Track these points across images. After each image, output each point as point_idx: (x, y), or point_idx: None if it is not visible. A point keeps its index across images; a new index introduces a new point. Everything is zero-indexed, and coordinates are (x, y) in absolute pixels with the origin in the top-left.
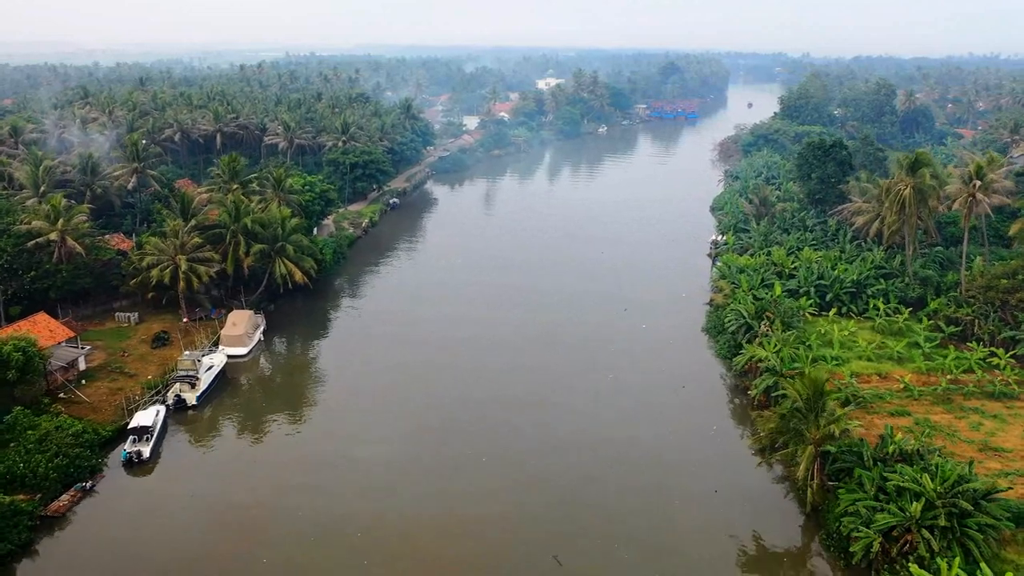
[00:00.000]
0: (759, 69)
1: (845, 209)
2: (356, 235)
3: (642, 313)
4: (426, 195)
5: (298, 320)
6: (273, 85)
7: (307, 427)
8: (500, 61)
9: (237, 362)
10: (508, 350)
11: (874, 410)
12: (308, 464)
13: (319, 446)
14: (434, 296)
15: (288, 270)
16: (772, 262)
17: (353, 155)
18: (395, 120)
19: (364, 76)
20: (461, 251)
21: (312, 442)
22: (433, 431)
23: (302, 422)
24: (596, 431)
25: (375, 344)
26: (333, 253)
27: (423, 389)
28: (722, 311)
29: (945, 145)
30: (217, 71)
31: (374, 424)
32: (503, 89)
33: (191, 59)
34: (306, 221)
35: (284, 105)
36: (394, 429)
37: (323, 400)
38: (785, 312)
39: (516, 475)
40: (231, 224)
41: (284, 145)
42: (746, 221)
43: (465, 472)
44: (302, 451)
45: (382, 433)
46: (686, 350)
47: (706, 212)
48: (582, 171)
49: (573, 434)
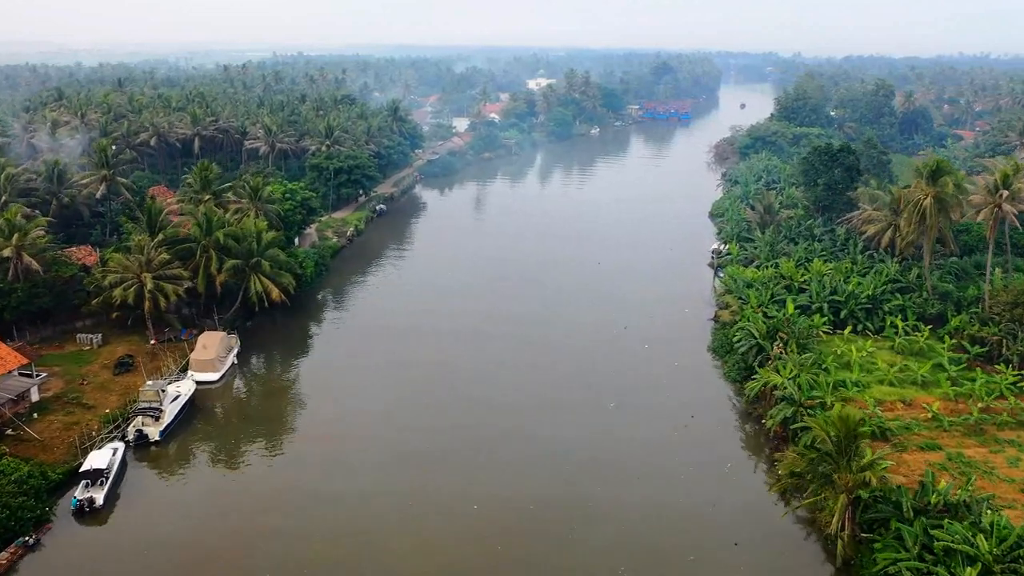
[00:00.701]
0: (750, 69)
1: (855, 217)
2: (340, 245)
3: (643, 331)
4: (415, 200)
5: (276, 338)
6: (257, 86)
7: (283, 459)
8: (490, 61)
9: (208, 389)
10: (500, 373)
11: (901, 443)
12: (282, 503)
13: (296, 480)
14: (421, 311)
15: (264, 287)
16: (781, 275)
17: (337, 160)
18: (382, 123)
19: (351, 77)
20: (450, 262)
21: (288, 476)
22: (417, 464)
23: (278, 453)
24: (599, 473)
25: (358, 364)
26: (315, 265)
27: (408, 415)
28: (729, 329)
29: (945, 147)
30: (202, 72)
31: (355, 454)
32: (493, 90)
33: (177, 59)
34: (284, 234)
35: (266, 107)
36: (376, 459)
37: (302, 427)
38: (800, 332)
39: (507, 522)
40: (202, 238)
41: (265, 150)
42: (750, 230)
43: (455, 517)
44: (276, 487)
45: (363, 464)
46: (692, 373)
47: (705, 218)
48: (575, 175)
49: (573, 475)
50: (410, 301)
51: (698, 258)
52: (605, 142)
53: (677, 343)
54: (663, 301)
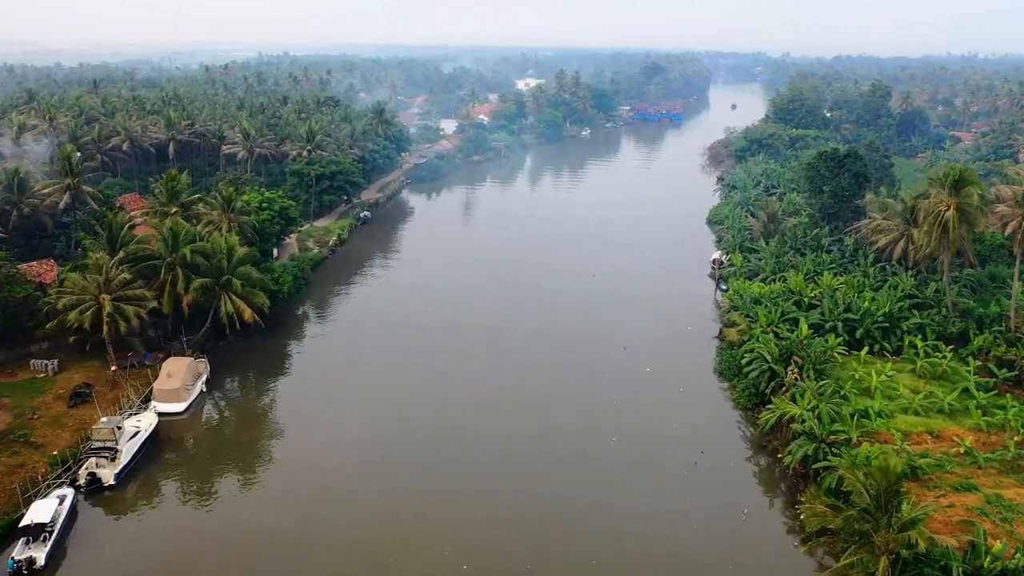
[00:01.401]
0: (739, 69)
1: (864, 226)
2: (322, 255)
3: (643, 351)
4: (401, 206)
5: (251, 360)
6: (239, 87)
7: (257, 497)
8: (478, 61)
9: (173, 421)
10: (492, 399)
11: (934, 483)
12: (255, 550)
13: (271, 520)
14: (407, 327)
15: (236, 308)
16: (789, 290)
17: (319, 166)
18: (366, 126)
19: (337, 77)
20: (438, 272)
21: (262, 517)
22: (407, 505)
23: (251, 490)
24: (601, 524)
25: (340, 386)
26: (294, 279)
27: (395, 443)
28: (737, 350)
29: (944, 149)
30: (185, 72)
31: (339, 488)
32: (482, 91)
33: (160, 60)
34: (258, 248)
35: (246, 110)
36: (363, 495)
37: (279, 458)
38: (816, 357)
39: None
40: (167, 255)
41: (244, 155)
42: (753, 239)
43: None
44: (249, 530)
45: (348, 500)
46: (699, 400)
47: (703, 225)
48: (567, 178)
49: (573, 526)
50: (394, 316)
51: (697, 268)
52: (596, 144)
53: (681, 365)
54: (663, 317)
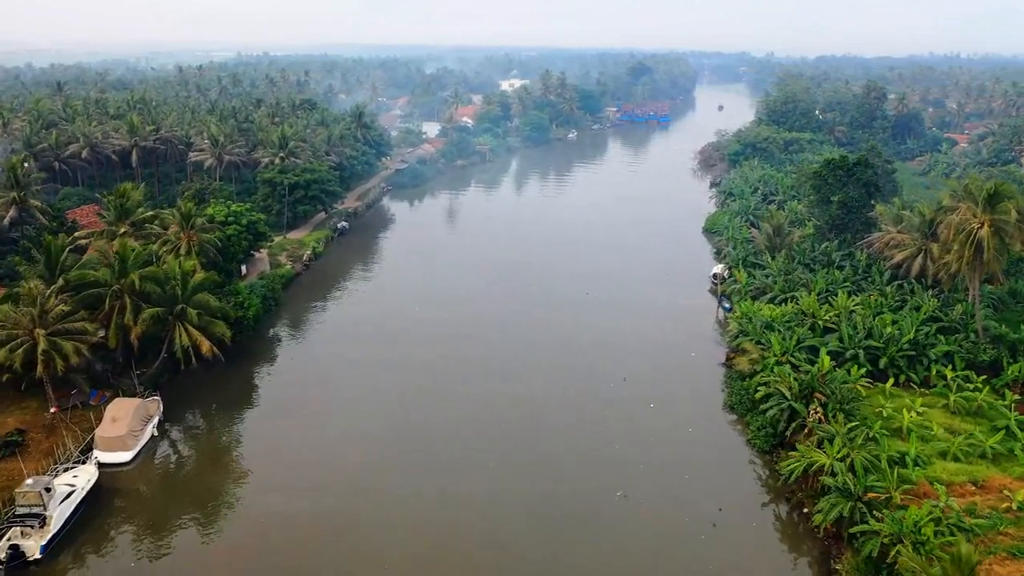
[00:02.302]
0: (724, 69)
1: (876, 240)
2: (295, 271)
3: (645, 382)
4: (382, 214)
5: (213, 393)
6: (212, 89)
7: (218, 560)
8: (462, 62)
9: (118, 472)
10: (478, 453)
11: (987, 547)
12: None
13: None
14: (385, 352)
15: (193, 340)
16: (802, 312)
17: (293, 174)
18: (344, 130)
19: (316, 78)
20: (419, 289)
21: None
22: (388, 559)
23: (210, 548)
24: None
25: (313, 419)
26: (263, 300)
27: (372, 487)
28: (749, 382)
29: (941, 152)
30: (160, 73)
31: (312, 541)
32: (465, 91)
33: (137, 60)
34: (225, 266)
35: (216, 114)
36: (340, 550)
37: (244, 507)
38: (843, 395)
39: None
40: (114, 282)
41: (212, 162)
42: (757, 254)
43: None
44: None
45: (323, 557)
46: (711, 441)
47: (699, 234)
48: (554, 184)
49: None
50: (371, 338)
51: (696, 282)
52: (583, 147)
53: (687, 398)
54: (663, 339)
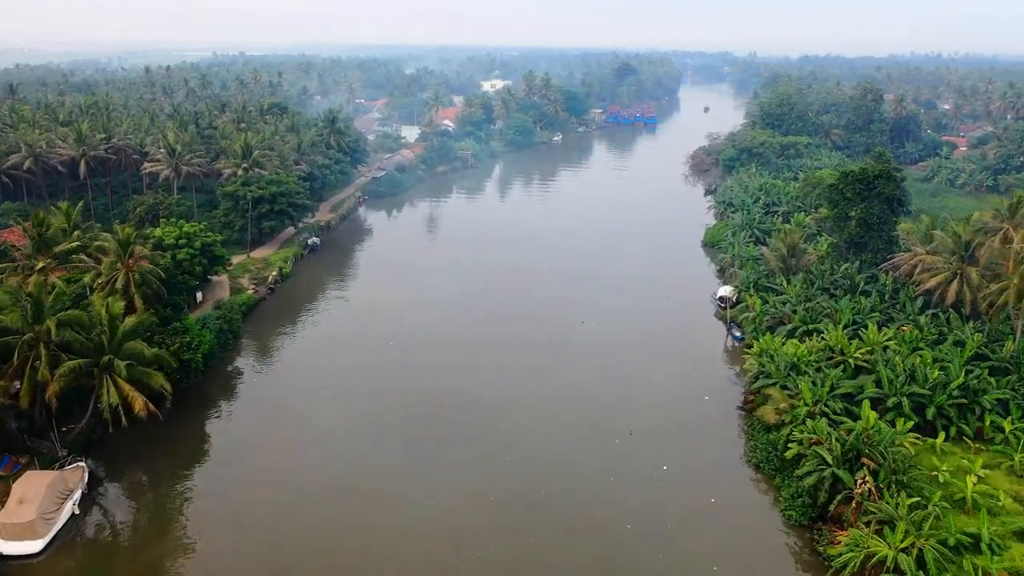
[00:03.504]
0: (707, 69)
1: (904, 262)
2: (257, 297)
3: (654, 436)
4: (357, 226)
5: (154, 451)
6: (179, 91)
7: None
8: (443, 62)
9: (27, 565)
10: (464, 529)
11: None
12: None
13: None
14: (355, 389)
15: (124, 395)
16: (829, 348)
17: (257, 187)
18: (316, 137)
19: (290, 79)
20: (395, 314)
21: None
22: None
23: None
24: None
25: (272, 475)
26: (218, 333)
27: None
28: (776, 435)
29: (941, 156)
30: (131, 74)
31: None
32: (446, 92)
33: (110, 60)
34: (164, 307)
35: (176, 120)
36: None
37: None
38: (896, 462)
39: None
40: (27, 329)
41: (168, 174)
42: (770, 275)
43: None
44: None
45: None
46: (738, 514)
47: (697, 247)
48: (541, 192)
49: None
50: (341, 374)
51: (699, 305)
52: (569, 150)
53: (704, 455)
54: (671, 380)
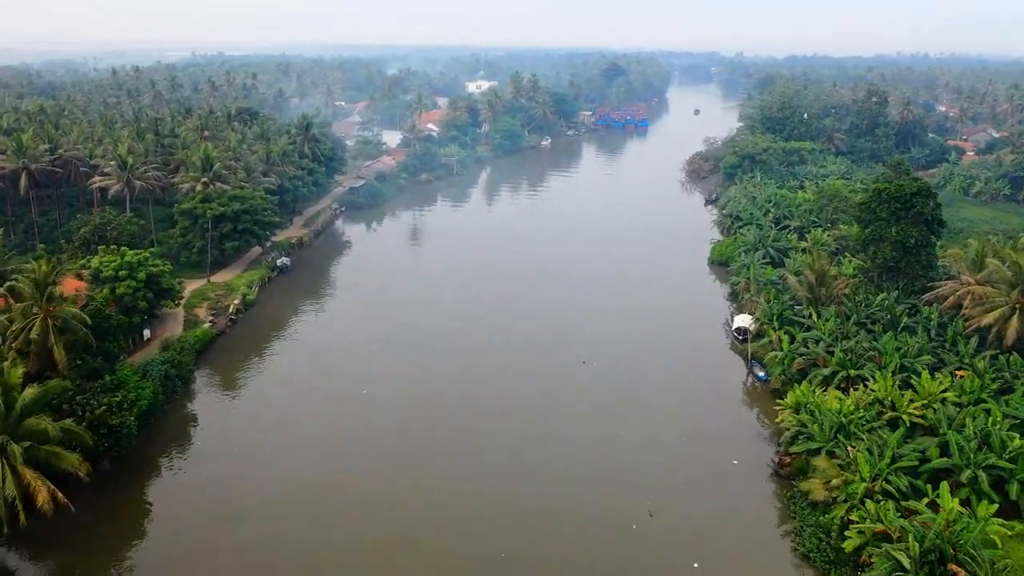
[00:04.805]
0: (695, 69)
1: (950, 292)
2: (215, 331)
3: (677, 516)
4: (334, 242)
5: (74, 541)
6: (146, 94)
7: None
8: (428, 62)
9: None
10: None
11: None
12: None
13: None
14: (321, 443)
15: (25, 484)
16: (879, 401)
17: (218, 203)
18: (288, 145)
19: (267, 81)
20: (368, 356)
21: None
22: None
23: None
24: None
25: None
26: (163, 381)
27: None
28: (826, 517)
29: (950, 161)
30: (104, 75)
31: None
32: (430, 94)
33: (85, 60)
34: (94, 357)
35: (133, 127)
36: None
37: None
38: (996, 572)
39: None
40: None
41: (119, 189)
42: (794, 305)
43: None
44: None
45: None
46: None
47: (704, 266)
48: (531, 201)
49: None
50: (305, 426)
51: (713, 336)
52: (558, 155)
53: (744, 545)
54: (691, 437)
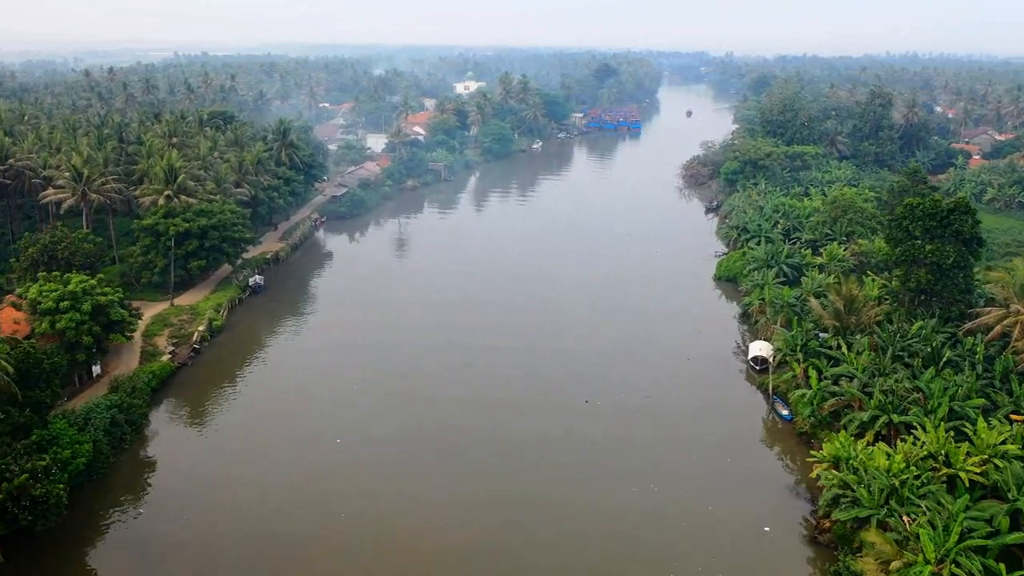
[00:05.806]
0: (685, 69)
1: (995, 321)
2: (175, 364)
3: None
4: (314, 255)
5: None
6: (118, 97)
7: None
8: (414, 62)
9: None
10: None
11: None
12: None
13: None
14: (291, 494)
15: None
16: (931, 456)
17: (182, 218)
18: (263, 152)
19: (250, 82)
20: (349, 379)
21: None
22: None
23: None
24: None
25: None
26: (109, 429)
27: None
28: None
29: (956, 166)
30: (74, 77)
31: None
32: (417, 95)
33: (65, 60)
34: (21, 408)
35: (95, 134)
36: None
37: None
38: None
39: None
40: None
41: (74, 202)
42: (821, 332)
43: None
44: None
45: None
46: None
47: (710, 283)
48: (522, 210)
49: None
50: (275, 474)
51: (725, 365)
52: (550, 158)
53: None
54: (713, 495)
